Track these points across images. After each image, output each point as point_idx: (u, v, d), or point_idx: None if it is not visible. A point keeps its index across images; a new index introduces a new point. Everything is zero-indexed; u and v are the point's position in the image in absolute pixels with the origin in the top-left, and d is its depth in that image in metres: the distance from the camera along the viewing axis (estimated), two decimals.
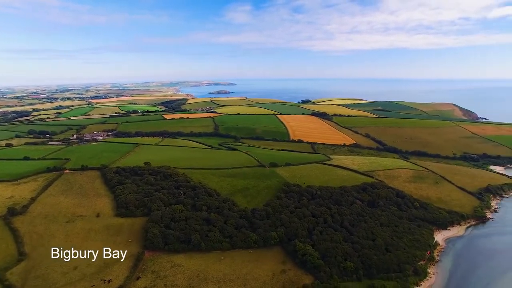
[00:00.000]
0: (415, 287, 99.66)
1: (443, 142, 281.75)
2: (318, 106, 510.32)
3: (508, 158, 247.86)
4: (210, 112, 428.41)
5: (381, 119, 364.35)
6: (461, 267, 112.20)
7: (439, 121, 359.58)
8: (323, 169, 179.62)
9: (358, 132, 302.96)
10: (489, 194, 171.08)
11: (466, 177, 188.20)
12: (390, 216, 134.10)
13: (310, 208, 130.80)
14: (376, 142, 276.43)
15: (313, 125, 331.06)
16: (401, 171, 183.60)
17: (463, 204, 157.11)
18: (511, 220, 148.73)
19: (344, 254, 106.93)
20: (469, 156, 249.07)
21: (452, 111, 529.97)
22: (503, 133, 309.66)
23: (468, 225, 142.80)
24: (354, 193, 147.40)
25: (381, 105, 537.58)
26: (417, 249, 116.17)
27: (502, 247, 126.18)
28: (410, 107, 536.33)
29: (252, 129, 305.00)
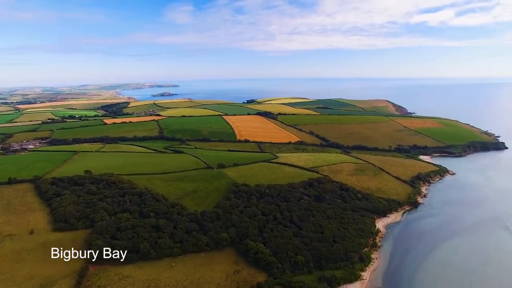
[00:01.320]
0: (361, 273, 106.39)
1: (379, 136, 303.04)
2: (263, 105, 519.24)
3: (433, 148, 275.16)
4: (154, 115, 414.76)
5: (324, 117, 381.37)
6: (399, 250, 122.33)
7: (376, 117, 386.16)
8: (270, 167, 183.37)
9: (302, 130, 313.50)
10: (420, 181, 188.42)
11: (401, 167, 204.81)
12: (335, 209, 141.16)
13: (259, 207, 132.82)
14: (320, 139, 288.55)
15: (259, 124, 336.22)
16: (344, 165, 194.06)
17: (399, 192, 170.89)
18: (436, 203, 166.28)
19: (294, 249, 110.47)
20: (402, 148, 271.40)
21: (386, 107, 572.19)
22: (429, 126, 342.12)
23: (404, 211, 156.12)
24: (302, 189, 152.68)
25: (323, 103, 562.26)
26: (361, 237, 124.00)
27: (430, 228, 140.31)
28: (349, 104, 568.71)
29: (198, 130, 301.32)
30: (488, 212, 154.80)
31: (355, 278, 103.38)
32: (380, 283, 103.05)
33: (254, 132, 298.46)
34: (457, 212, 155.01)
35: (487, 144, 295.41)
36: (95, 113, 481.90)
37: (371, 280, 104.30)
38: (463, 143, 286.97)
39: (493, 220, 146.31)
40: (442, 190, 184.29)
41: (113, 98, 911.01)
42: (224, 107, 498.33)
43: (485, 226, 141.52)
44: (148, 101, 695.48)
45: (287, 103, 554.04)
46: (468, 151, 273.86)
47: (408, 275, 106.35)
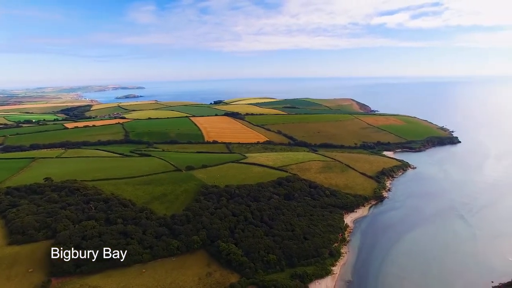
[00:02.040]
0: (332, 268, 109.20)
1: (345, 133, 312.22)
2: (230, 106, 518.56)
3: (396, 144, 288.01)
4: (118, 118, 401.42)
5: (291, 116, 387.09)
6: (367, 243, 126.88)
7: (341, 115, 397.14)
8: (239, 168, 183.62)
9: (270, 130, 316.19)
10: (384, 176, 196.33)
11: (366, 163, 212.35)
12: (305, 206, 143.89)
13: (230, 208, 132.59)
14: (287, 138, 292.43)
15: (227, 125, 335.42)
16: (312, 163, 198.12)
17: (365, 187, 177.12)
18: (400, 196, 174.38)
19: (266, 248, 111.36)
20: (367, 144, 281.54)
21: (351, 105, 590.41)
22: (391, 123, 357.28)
23: (370, 206, 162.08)
24: (271, 188, 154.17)
25: (290, 103, 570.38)
26: (331, 233, 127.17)
27: (394, 220, 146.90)
28: (315, 103, 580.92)
29: (166, 133, 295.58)
30: (445, 202, 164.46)
31: (326, 273, 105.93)
32: (350, 276, 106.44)
33: (222, 133, 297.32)
34: (418, 204, 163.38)
35: (443, 139, 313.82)
36: (55, 117, 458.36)
37: (341, 274, 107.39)
38: (422, 138, 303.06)
39: (450, 210, 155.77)
40: (404, 184, 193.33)
41: (74, 101, 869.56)
42: (192, 108, 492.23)
43: (443, 216, 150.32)
44: (112, 104, 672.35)
45: (255, 103, 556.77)
46: (427, 146, 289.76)
47: (376, 267, 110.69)
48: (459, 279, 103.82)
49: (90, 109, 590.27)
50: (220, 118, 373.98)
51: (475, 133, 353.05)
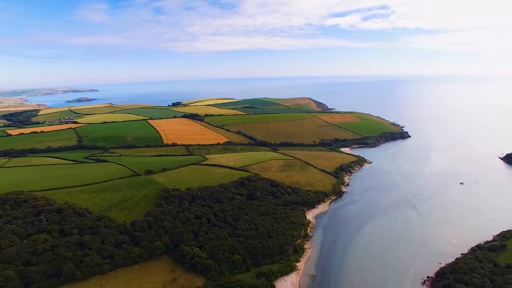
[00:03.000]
0: (296, 264, 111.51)
1: (304, 132, 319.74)
2: (189, 107, 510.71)
3: (352, 140, 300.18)
4: (70, 122, 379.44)
5: (250, 116, 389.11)
6: (328, 237, 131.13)
7: (299, 114, 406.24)
8: (200, 170, 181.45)
9: (230, 130, 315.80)
10: (342, 172, 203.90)
11: (325, 160, 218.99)
12: (268, 205, 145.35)
13: (192, 211, 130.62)
14: (248, 138, 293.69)
15: (186, 127, 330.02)
16: (273, 162, 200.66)
17: (325, 183, 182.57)
18: (357, 190, 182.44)
19: (231, 248, 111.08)
20: (325, 142, 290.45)
21: (309, 104, 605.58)
22: (347, 120, 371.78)
23: (330, 201, 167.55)
24: (233, 189, 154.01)
25: (249, 103, 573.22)
26: (294, 230, 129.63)
27: (353, 213, 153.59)
28: (274, 102, 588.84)
29: (122, 137, 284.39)
30: (399, 194, 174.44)
31: (291, 270, 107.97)
32: (314, 271, 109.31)
33: (182, 135, 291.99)
34: (375, 197, 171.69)
35: (395, 134, 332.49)
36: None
37: (305, 269, 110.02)
38: (376, 134, 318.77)
39: (403, 201, 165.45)
40: (361, 178, 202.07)
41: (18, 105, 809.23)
42: (149, 111, 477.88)
43: (397, 206, 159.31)
44: (62, 108, 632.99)
45: (214, 104, 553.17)
46: (381, 141, 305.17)
47: (337, 261, 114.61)
48: (412, 264, 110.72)
49: (37, 114, 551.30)
50: (179, 120, 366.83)
51: (423, 127, 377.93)
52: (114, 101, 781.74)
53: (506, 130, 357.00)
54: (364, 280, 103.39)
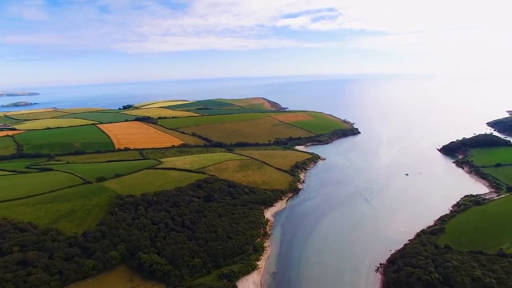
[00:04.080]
0: (257, 262, 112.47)
1: (259, 131, 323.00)
2: (141, 110, 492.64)
3: (306, 138, 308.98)
4: (6, 129, 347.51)
5: (205, 117, 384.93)
6: (287, 234, 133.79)
7: (254, 114, 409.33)
8: (155, 174, 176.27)
9: (185, 132, 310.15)
10: (298, 169, 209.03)
11: (280, 158, 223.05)
12: (226, 206, 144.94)
13: (149, 216, 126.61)
14: (203, 140, 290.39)
15: (139, 130, 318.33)
16: (229, 162, 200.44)
17: (282, 181, 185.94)
18: (313, 186, 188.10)
19: (191, 252, 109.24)
20: (280, 140, 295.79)
21: (262, 104, 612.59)
22: (300, 119, 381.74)
23: (287, 198, 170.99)
24: (190, 192, 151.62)
25: (203, 104, 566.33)
26: (253, 229, 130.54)
27: (310, 209, 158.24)
28: (228, 103, 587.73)
29: (69, 143, 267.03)
30: (352, 188, 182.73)
31: (252, 269, 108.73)
32: (275, 268, 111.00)
33: (135, 139, 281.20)
34: (330, 192, 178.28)
35: (346, 130, 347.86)
36: None
37: (266, 267, 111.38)
38: (329, 131, 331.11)
39: (356, 194, 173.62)
40: (316, 175, 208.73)
41: None
42: (98, 115, 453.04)
43: (351, 200, 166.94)
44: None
45: (167, 106, 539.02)
46: (333, 138, 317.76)
47: (297, 256, 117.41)
48: (366, 254, 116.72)
49: None
50: (131, 123, 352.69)
51: (371, 124, 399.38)
52: (58, 105, 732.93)
53: (442, 123, 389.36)
54: (323, 273, 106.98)
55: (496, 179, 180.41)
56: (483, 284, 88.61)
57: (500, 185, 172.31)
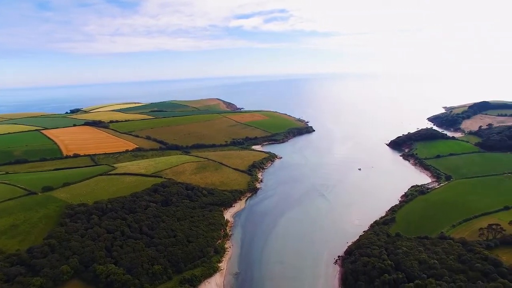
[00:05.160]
0: (219, 264, 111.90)
1: (215, 132, 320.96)
2: (91, 114, 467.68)
3: (262, 138, 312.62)
4: None
5: (159, 120, 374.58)
6: (247, 234, 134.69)
7: (209, 115, 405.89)
8: (109, 180, 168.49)
9: (139, 136, 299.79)
10: (256, 169, 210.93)
11: (238, 159, 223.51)
12: (184, 209, 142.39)
13: (103, 225, 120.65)
14: (158, 143, 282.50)
15: (89, 135, 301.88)
16: (186, 165, 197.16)
17: (240, 182, 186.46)
18: (271, 185, 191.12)
19: (150, 259, 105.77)
20: (237, 141, 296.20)
21: (218, 104, 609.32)
22: (256, 119, 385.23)
23: (246, 198, 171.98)
24: (147, 197, 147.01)
25: (157, 106, 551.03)
26: (213, 231, 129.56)
27: (269, 207, 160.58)
28: (183, 105, 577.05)
29: (9, 151, 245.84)
30: (309, 185, 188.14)
31: (214, 271, 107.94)
32: (237, 268, 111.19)
33: (85, 144, 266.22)
34: (287, 190, 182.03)
35: (301, 129, 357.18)
36: None
37: (228, 269, 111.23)
38: (284, 130, 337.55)
39: (313, 191, 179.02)
40: (274, 173, 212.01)
41: None
42: (42, 120, 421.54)
43: (308, 196, 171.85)
44: None
45: (119, 109, 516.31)
46: (289, 137, 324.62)
47: (258, 255, 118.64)
48: (325, 248, 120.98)
49: None
50: (80, 128, 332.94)
51: (324, 121, 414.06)
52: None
53: (389, 119, 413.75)
54: (285, 270, 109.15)
55: (437, 170, 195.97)
56: (428, 265, 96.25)
57: (440, 174, 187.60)
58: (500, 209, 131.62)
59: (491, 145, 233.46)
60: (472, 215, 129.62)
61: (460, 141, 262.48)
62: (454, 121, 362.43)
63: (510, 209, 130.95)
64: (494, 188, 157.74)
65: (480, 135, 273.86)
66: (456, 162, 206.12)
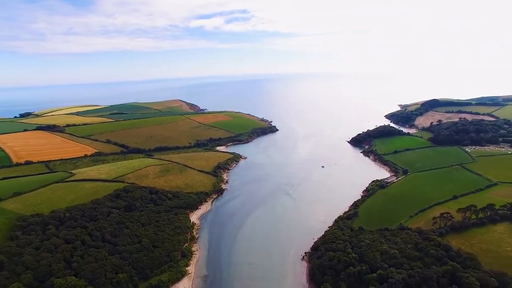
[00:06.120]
0: (186, 268, 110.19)
1: (178, 134, 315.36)
2: (44, 118, 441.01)
3: (226, 139, 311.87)
4: None
5: (120, 123, 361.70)
6: (215, 236, 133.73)
7: (172, 117, 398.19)
8: (66, 187, 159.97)
9: (98, 140, 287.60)
10: (221, 170, 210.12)
11: (202, 160, 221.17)
12: (149, 214, 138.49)
13: (61, 235, 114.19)
14: (119, 146, 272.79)
15: (42, 140, 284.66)
16: (149, 168, 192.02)
17: (205, 183, 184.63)
18: (236, 186, 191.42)
19: (114, 268, 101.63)
20: (201, 142, 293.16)
21: (180, 106, 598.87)
22: (220, 119, 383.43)
23: (212, 200, 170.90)
24: (109, 203, 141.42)
25: (116, 109, 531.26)
26: (180, 234, 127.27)
27: (236, 208, 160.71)
28: (144, 107, 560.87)
29: None
30: (274, 184, 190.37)
31: (182, 275, 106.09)
32: (205, 271, 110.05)
33: (38, 150, 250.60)
34: (253, 189, 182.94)
35: (265, 129, 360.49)
36: None
37: (196, 272, 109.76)
38: (248, 130, 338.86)
39: (278, 190, 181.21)
40: (239, 174, 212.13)
41: None
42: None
43: (273, 195, 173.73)
44: None
45: (76, 113, 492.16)
46: (253, 137, 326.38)
47: (226, 256, 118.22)
48: (292, 245, 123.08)
49: None
50: (32, 133, 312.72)
51: (288, 121, 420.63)
52: None
53: (350, 117, 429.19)
54: (253, 270, 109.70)
55: (395, 164, 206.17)
56: (389, 255, 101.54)
57: (398, 169, 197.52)
58: (450, 199, 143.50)
59: (441, 140, 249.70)
60: (426, 206, 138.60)
61: (415, 136, 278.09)
62: (408, 118, 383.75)
63: (458, 198, 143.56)
64: (444, 180, 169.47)
65: (432, 131, 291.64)
66: (411, 157, 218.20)
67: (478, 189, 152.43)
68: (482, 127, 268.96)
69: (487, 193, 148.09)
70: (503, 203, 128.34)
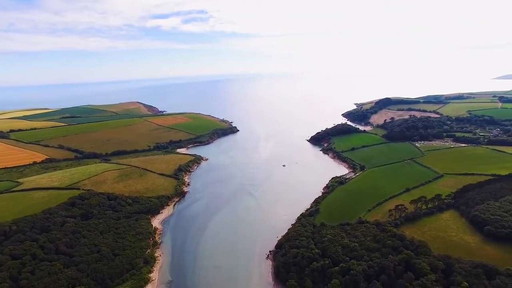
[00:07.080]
0: (150, 275, 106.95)
1: (136, 137, 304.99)
2: None
3: (187, 141, 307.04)
4: None
5: (73, 127, 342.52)
6: (178, 240, 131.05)
7: (129, 119, 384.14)
8: (12, 198, 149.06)
9: (49, 145, 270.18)
10: (182, 172, 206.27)
11: (163, 163, 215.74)
12: (108, 221, 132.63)
13: (6, 251, 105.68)
14: (73, 152, 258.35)
15: None
16: (107, 174, 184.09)
17: (166, 187, 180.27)
18: (199, 188, 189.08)
19: (70, 281, 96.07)
20: (160, 145, 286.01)
21: (138, 108, 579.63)
22: (179, 121, 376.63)
23: (174, 203, 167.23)
24: (63, 212, 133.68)
25: (69, 112, 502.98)
26: (141, 241, 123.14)
27: (198, 211, 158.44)
28: (99, 110, 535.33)
29: None
30: (236, 184, 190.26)
31: (145, 282, 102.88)
32: (169, 277, 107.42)
33: None
34: (216, 191, 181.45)
35: (226, 130, 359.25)
36: None
37: (160, 278, 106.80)
38: (208, 132, 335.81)
39: (240, 190, 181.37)
40: (201, 176, 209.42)
41: None
42: None
43: (236, 196, 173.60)
44: None
45: (22, 117, 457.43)
46: (213, 138, 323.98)
47: (191, 260, 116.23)
48: (257, 244, 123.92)
49: None
50: None
51: (248, 121, 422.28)
52: None
53: (309, 116, 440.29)
54: (219, 273, 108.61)
55: (353, 161, 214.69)
56: (350, 249, 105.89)
57: (356, 165, 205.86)
58: (403, 191, 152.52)
59: (394, 136, 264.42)
60: (383, 199, 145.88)
61: (370, 134, 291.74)
62: (364, 116, 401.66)
63: (410, 190, 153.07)
64: (398, 174, 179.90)
65: (386, 128, 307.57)
66: (368, 153, 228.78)
67: (427, 181, 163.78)
68: (429, 124, 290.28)
69: (435, 184, 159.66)
70: (448, 193, 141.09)
